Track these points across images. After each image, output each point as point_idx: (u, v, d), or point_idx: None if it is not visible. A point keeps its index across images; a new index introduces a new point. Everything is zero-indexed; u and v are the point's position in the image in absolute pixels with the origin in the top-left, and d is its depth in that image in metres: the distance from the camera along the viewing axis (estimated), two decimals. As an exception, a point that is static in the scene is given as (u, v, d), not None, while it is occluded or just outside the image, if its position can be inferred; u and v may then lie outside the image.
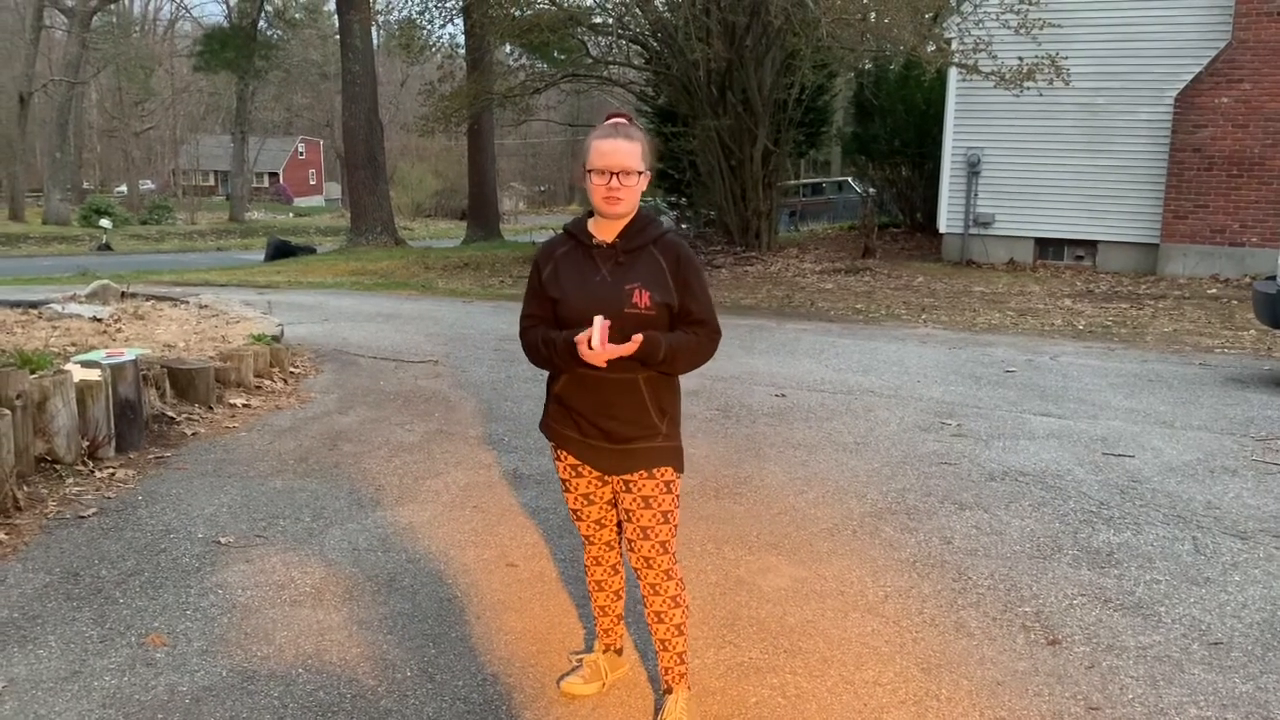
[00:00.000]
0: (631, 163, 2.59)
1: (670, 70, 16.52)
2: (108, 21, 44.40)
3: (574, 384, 2.69)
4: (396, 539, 4.15)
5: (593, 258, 2.69)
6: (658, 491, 2.71)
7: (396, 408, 6.39)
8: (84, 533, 4.12)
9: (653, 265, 2.67)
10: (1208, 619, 3.49)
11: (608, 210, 2.64)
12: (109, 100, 53.49)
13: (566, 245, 2.75)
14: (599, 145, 2.60)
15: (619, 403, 2.66)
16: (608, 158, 2.58)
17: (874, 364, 8.02)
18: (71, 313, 7.95)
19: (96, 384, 4.95)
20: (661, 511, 2.72)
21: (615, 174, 2.58)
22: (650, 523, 2.71)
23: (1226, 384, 7.37)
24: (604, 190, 2.60)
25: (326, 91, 53.70)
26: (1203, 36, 13.40)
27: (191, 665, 3.08)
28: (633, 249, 2.67)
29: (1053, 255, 15.06)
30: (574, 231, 2.74)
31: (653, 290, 2.63)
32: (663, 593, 2.74)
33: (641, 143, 2.63)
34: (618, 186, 2.59)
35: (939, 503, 4.69)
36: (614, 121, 2.67)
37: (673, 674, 2.81)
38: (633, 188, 2.62)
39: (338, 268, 17.97)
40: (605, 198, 2.61)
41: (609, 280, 2.65)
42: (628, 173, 2.59)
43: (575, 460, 2.78)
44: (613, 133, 2.61)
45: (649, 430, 2.69)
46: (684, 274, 2.68)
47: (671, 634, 2.77)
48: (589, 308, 2.58)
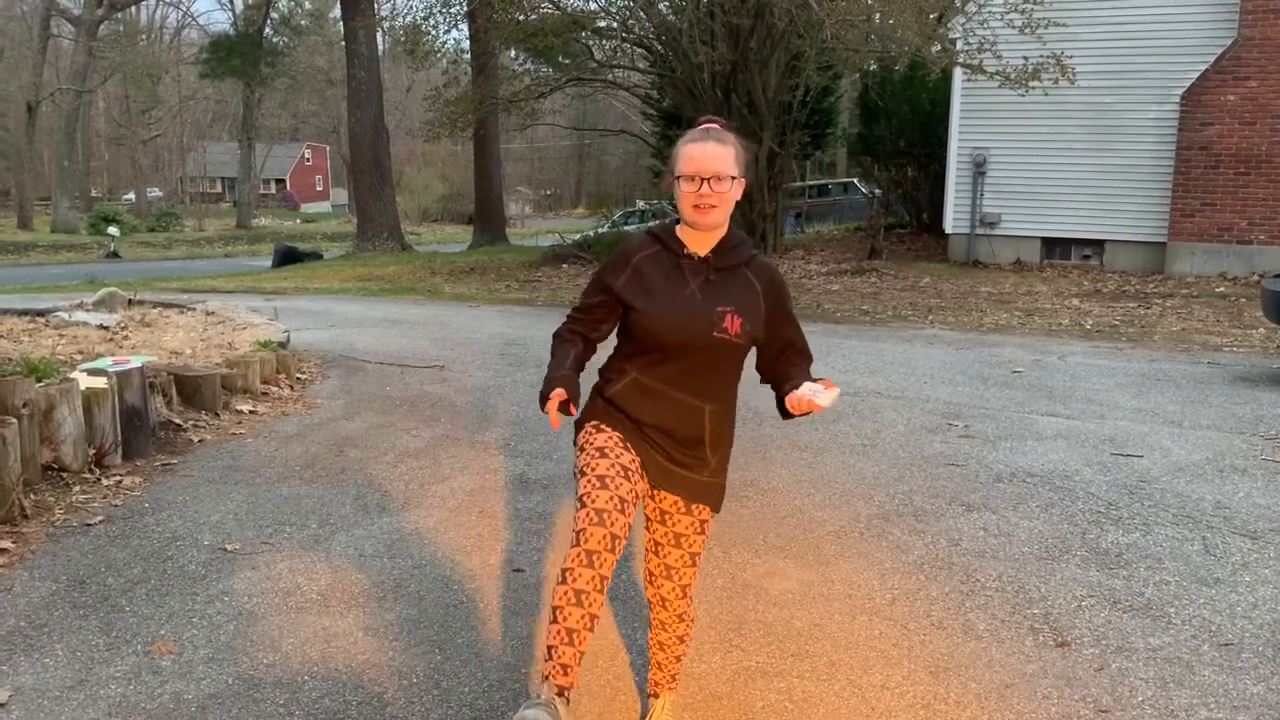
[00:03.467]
0: (723, 167, 2.37)
1: (674, 73, 16.52)
2: (115, 30, 44.56)
3: (636, 391, 2.48)
4: (402, 545, 4.15)
5: (681, 270, 2.47)
6: (691, 531, 2.57)
7: (403, 413, 6.39)
8: (90, 540, 4.12)
9: (746, 289, 2.47)
10: (1218, 620, 3.46)
11: (699, 220, 2.42)
12: (116, 108, 53.73)
13: (651, 249, 2.51)
14: (688, 150, 2.40)
15: (678, 424, 2.48)
16: (697, 162, 2.37)
17: (881, 365, 8.01)
18: (78, 320, 7.97)
19: (103, 392, 4.96)
20: (690, 553, 2.58)
21: (706, 179, 2.37)
22: (677, 563, 2.58)
23: (1235, 383, 7.34)
24: (694, 197, 2.39)
25: (333, 98, 53.88)
26: (1209, 34, 13.37)
27: (198, 673, 3.08)
28: (726, 267, 2.47)
29: (1059, 255, 15.02)
30: (662, 236, 2.52)
31: (744, 317, 2.44)
32: (670, 630, 2.66)
33: (735, 147, 2.41)
34: (709, 193, 2.38)
35: (946, 504, 4.68)
36: (705, 126, 2.46)
37: (660, 685, 2.77)
38: (725, 194, 2.39)
39: (344, 273, 18.00)
40: (696, 205, 2.39)
41: (699, 298, 2.43)
42: (719, 178, 2.37)
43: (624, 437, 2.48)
44: (703, 136, 2.41)
45: (699, 460, 2.51)
46: (782, 300, 2.52)
47: (669, 660, 2.72)
48: (677, 324, 2.40)
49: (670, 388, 2.46)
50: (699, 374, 2.46)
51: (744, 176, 2.44)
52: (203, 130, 60.80)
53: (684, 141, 2.43)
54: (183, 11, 56.60)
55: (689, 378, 2.45)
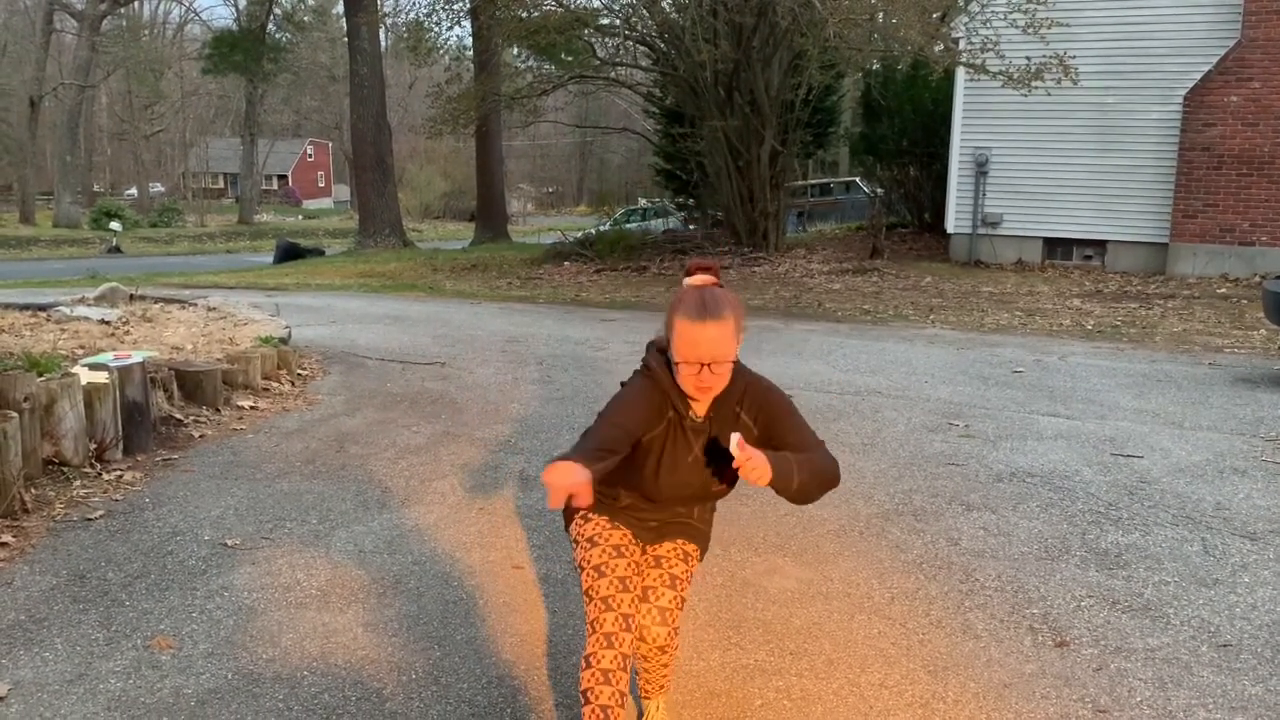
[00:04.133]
0: (724, 350, 2.25)
1: (677, 71, 16.52)
2: (117, 25, 44.57)
3: (628, 510, 2.53)
4: (403, 541, 4.15)
5: (684, 431, 2.41)
6: (673, 555, 2.54)
7: (403, 410, 6.40)
8: (91, 535, 4.12)
9: (741, 429, 2.37)
10: (1217, 621, 3.47)
11: (700, 397, 2.36)
12: (119, 103, 53.75)
13: (670, 414, 2.40)
14: (686, 333, 2.25)
15: (669, 529, 2.57)
16: (699, 348, 2.24)
17: (881, 365, 8.01)
18: (80, 315, 7.97)
19: (104, 386, 4.97)
20: (670, 574, 2.51)
21: (706, 365, 2.26)
22: (655, 583, 2.50)
23: (1236, 384, 7.34)
24: (695, 381, 2.29)
25: (335, 94, 53.89)
26: (1212, 35, 13.36)
27: (197, 668, 3.08)
28: (721, 419, 2.41)
29: (1061, 255, 15.02)
30: (670, 391, 2.38)
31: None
32: (652, 660, 2.62)
33: (733, 316, 2.27)
34: (709, 378, 2.28)
35: (946, 504, 4.68)
36: (700, 291, 2.30)
37: (652, 689, 2.74)
38: (724, 374, 2.29)
39: (346, 270, 18.01)
40: (697, 388, 2.31)
41: (702, 459, 2.41)
42: (720, 361, 2.26)
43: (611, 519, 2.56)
44: (700, 313, 2.24)
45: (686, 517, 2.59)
46: (773, 415, 2.40)
47: (655, 670, 2.69)
48: (678, 487, 2.42)
49: (660, 513, 2.55)
50: (691, 506, 2.56)
51: (742, 335, 2.34)
52: (205, 126, 60.80)
53: (680, 315, 2.27)
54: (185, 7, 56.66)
55: (679, 504, 2.54)
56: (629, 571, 2.42)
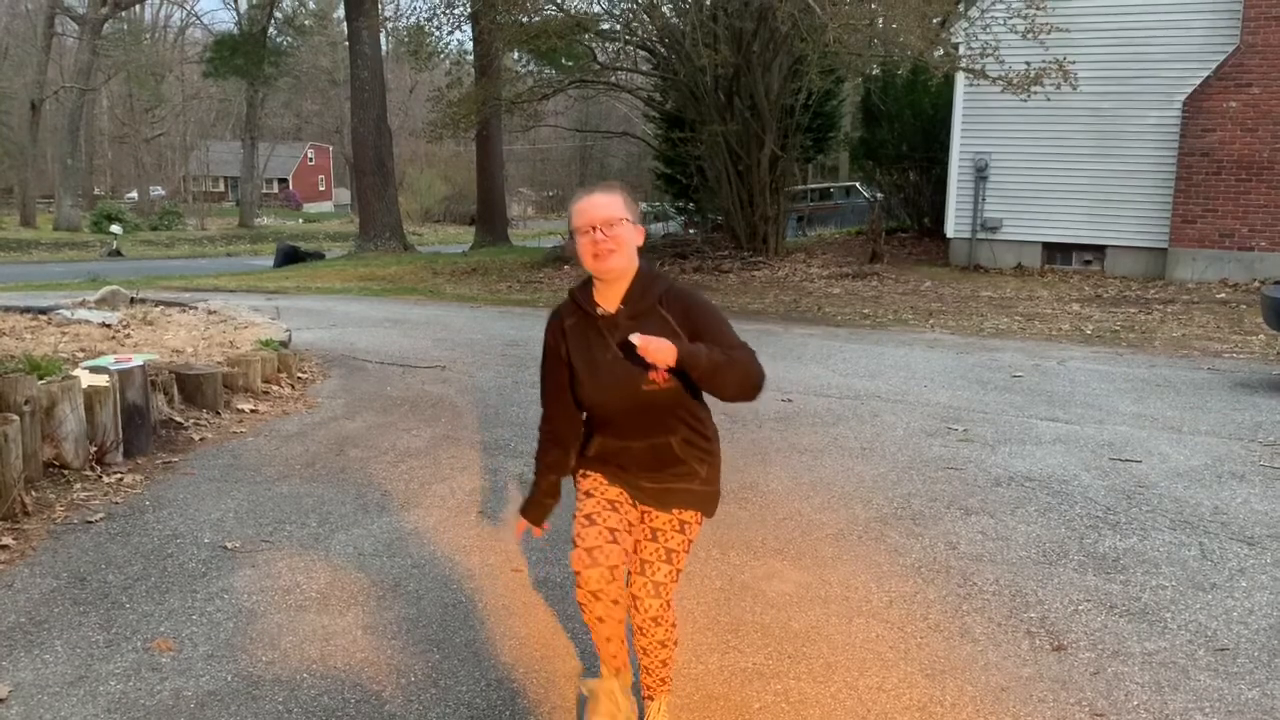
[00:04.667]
0: (612, 211, 2.45)
1: (678, 76, 16.55)
2: (119, 29, 44.60)
3: (604, 449, 2.60)
4: (402, 544, 4.16)
5: (600, 331, 2.52)
6: (669, 528, 2.59)
7: (403, 413, 6.41)
8: (91, 538, 4.13)
9: (663, 328, 2.46)
10: (1214, 625, 3.47)
11: (601, 268, 2.48)
12: (120, 107, 53.78)
13: (573, 316, 2.59)
14: (577, 207, 2.49)
15: (652, 460, 2.56)
16: (586, 213, 2.45)
17: (881, 369, 8.02)
18: (81, 318, 7.99)
19: (104, 390, 4.98)
20: (665, 548, 2.57)
21: (597, 226, 2.44)
22: (651, 557, 2.57)
23: (1235, 389, 7.35)
24: (591, 246, 2.45)
25: (336, 98, 53.93)
26: (1211, 40, 13.38)
27: (197, 670, 3.09)
28: (638, 314, 2.50)
29: (1060, 260, 15.04)
30: (578, 299, 2.59)
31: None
32: (649, 634, 2.61)
33: (622, 194, 2.49)
34: (604, 238, 2.43)
35: (945, 508, 4.69)
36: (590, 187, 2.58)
37: (653, 688, 2.76)
38: (620, 238, 2.45)
39: (346, 273, 18.02)
40: (595, 254, 2.45)
41: (621, 357, 2.47)
42: (610, 223, 2.44)
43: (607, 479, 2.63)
44: (588, 191, 2.51)
45: (686, 475, 2.58)
46: (697, 320, 2.50)
47: (655, 663, 2.69)
48: (607, 390, 2.49)
49: (631, 440, 2.56)
50: (649, 421, 2.53)
51: (637, 223, 2.51)
52: (206, 129, 60.83)
53: (573, 203, 2.52)
54: (187, 10, 56.58)
55: (642, 428, 2.54)
56: (619, 525, 2.54)
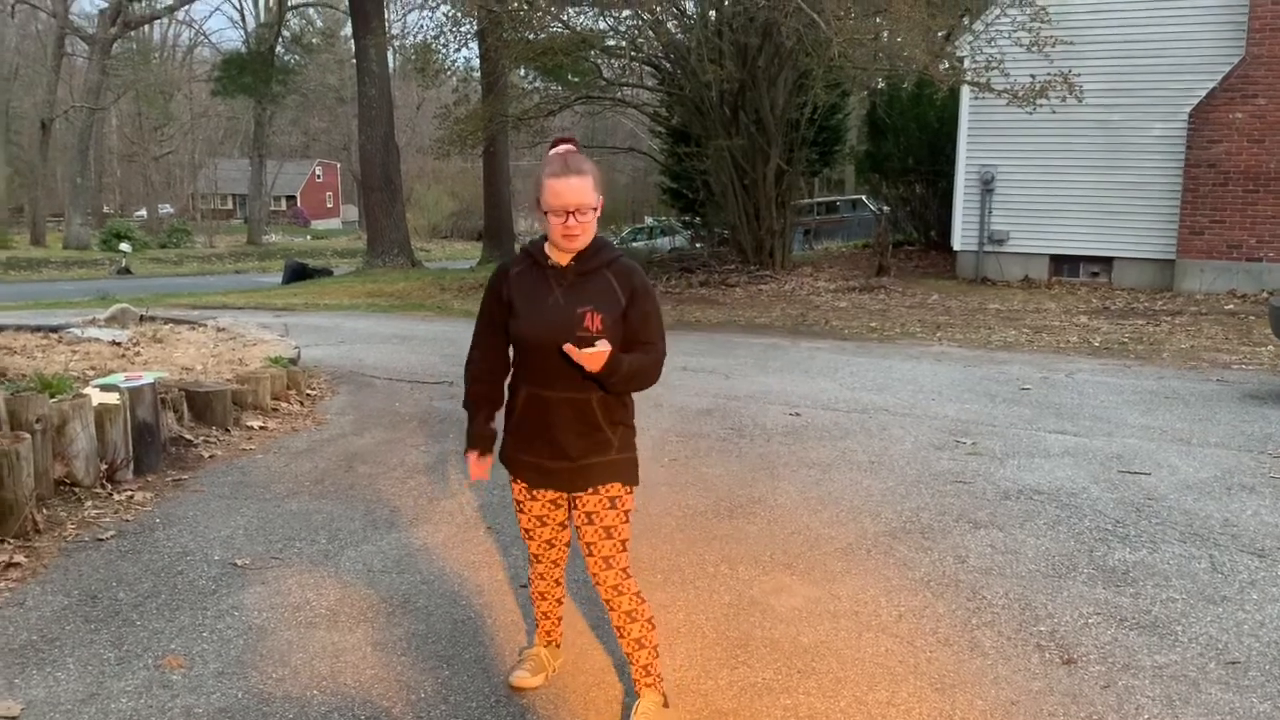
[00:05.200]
0: (586, 199, 2.65)
1: (683, 91, 16.60)
2: (128, 48, 44.93)
3: (529, 405, 2.78)
4: (411, 560, 4.17)
5: (547, 279, 2.75)
6: (601, 508, 2.78)
7: (411, 429, 6.42)
8: (102, 555, 4.15)
9: (606, 288, 2.73)
10: (1225, 638, 3.46)
11: (567, 246, 2.71)
12: (129, 125, 54.12)
13: (521, 265, 2.81)
14: (552, 185, 2.64)
15: (571, 420, 2.74)
16: (562, 197, 2.63)
17: (888, 382, 8.02)
18: (91, 336, 8.03)
19: (115, 407, 5.00)
20: (604, 527, 2.78)
21: (571, 212, 2.64)
22: (594, 538, 2.79)
23: (1244, 400, 7.33)
24: (562, 229, 2.66)
25: (343, 115, 54.17)
26: (1217, 52, 13.39)
27: (208, 687, 3.10)
28: (587, 270, 2.73)
29: (1068, 272, 15.03)
30: (531, 252, 2.81)
31: (605, 313, 2.69)
32: (616, 608, 2.82)
33: (592, 174, 2.67)
34: (575, 225, 2.65)
35: (953, 521, 4.68)
36: (562, 153, 2.70)
37: (639, 683, 2.89)
38: (588, 223, 2.68)
39: (354, 290, 18.07)
40: (564, 235, 2.67)
41: (561, 303, 2.71)
42: (583, 210, 2.65)
43: (527, 484, 2.87)
44: (564, 169, 2.65)
45: (602, 445, 2.77)
46: (639, 300, 2.74)
47: (633, 647, 2.85)
48: (542, 330, 2.68)
49: (556, 390, 2.72)
50: (578, 373, 2.66)
51: (601, 197, 2.70)
52: (214, 147, 61.15)
53: (546, 175, 2.66)
54: (195, 30, 57.07)
55: (565, 375, 2.68)
56: (552, 534, 2.96)
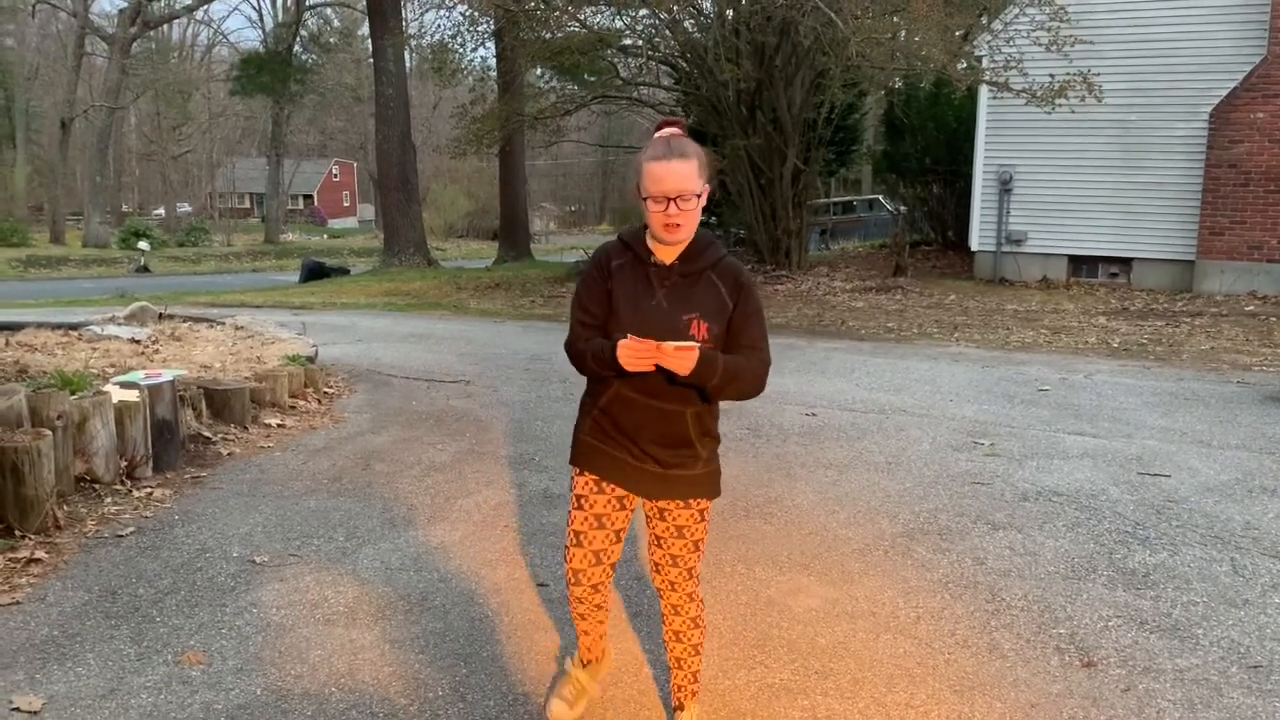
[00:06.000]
0: (690, 185, 2.41)
1: (699, 90, 16.59)
2: (147, 48, 45.23)
3: (620, 404, 2.55)
4: (428, 558, 4.18)
5: (649, 277, 2.52)
6: (691, 521, 2.64)
7: (429, 427, 6.44)
8: (122, 552, 4.17)
9: (712, 292, 2.51)
10: (1246, 641, 3.44)
11: (668, 238, 2.48)
12: (147, 125, 54.50)
13: (623, 258, 2.57)
14: (652, 169, 2.41)
15: (663, 428, 2.54)
16: (663, 183, 2.40)
17: (906, 383, 7.99)
18: (110, 334, 8.08)
19: (135, 405, 5.03)
20: (693, 540, 2.66)
21: (673, 199, 2.41)
22: (681, 551, 2.66)
23: (1265, 403, 7.27)
24: (662, 218, 2.43)
25: (360, 114, 54.39)
26: (1238, 51, 13.29)
27: (226, 683, 3.12)
28: (691, 272, 2.52)
29: (1086, 273, 14.94)
30: (631, 244, 2.57)
31: (711, 322, 2.48)
32: (683, 613, 2.71)
33: (698, 158, 2.44)
34: (677, 213, 2.42)
35: (972, 523, 4.66)
36: (666, 135, 2.48)
37: (685, 691, 2.79)
38: (692, 211, 2.44)
39: (371, 289, 18.13)
40: (665, 225, 2.44)
41: (665, 307, 2.49)
42: (685, 197, 2.41)
43: (599, 476, 2.63)
44: (666, 152, 2.42)
45: (691, 458, 2.58)
46: (744, 301, 2.53)
47: (688, 653, 2.75)
48: (641, 334, 2.39)
49: (649, 398, 2.51)
50: (677, 392, 2.49)
51: (709, 184, 2.49)
52: (232, 146, 61.54)
53: (647, 157, 2.44)
54: (214, 30, 57.40)
55: (663, 386, 2.49)
56: (605, 544, 2.66)
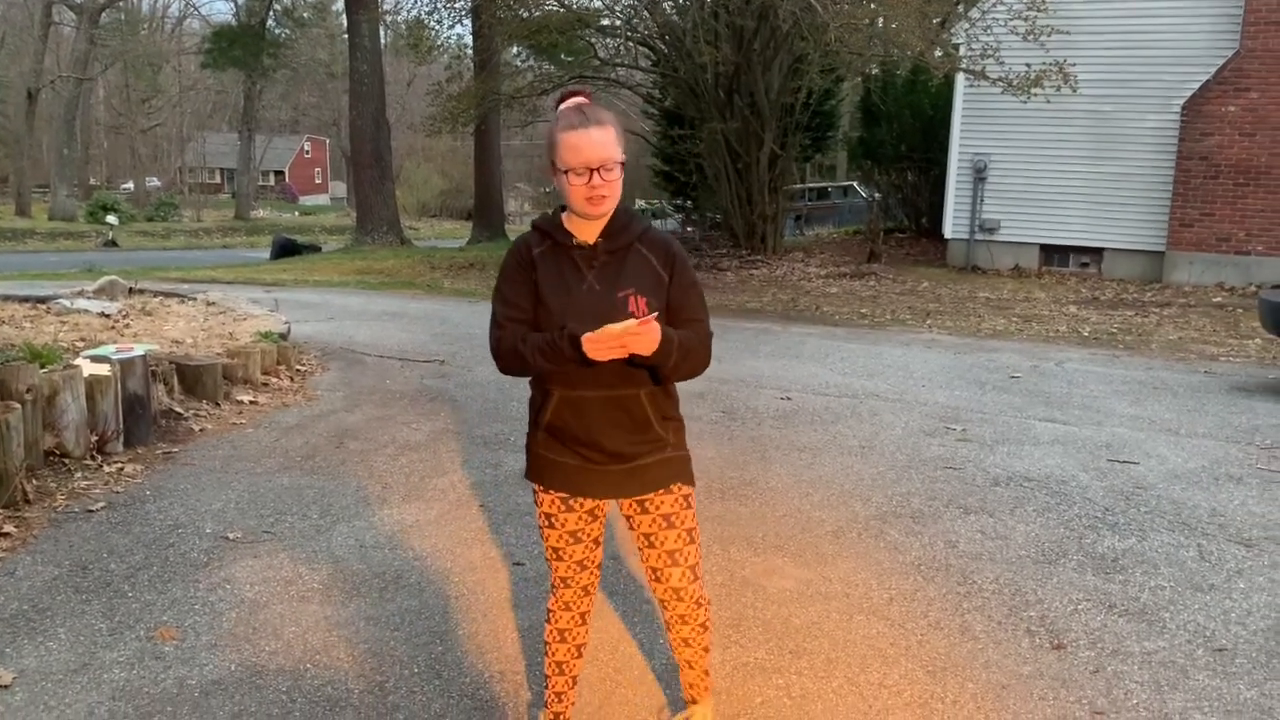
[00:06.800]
0: (611, 153, 2.23)
1: (678, 73, 16.55)
2: (116, 18, 44.49)
3: (567, 409, 2.34)
4: (403, 536, 4.17)
5: (574, 261, 2.32)
6: (679, 508, 2.44)
7: (403, 406, 6.41)
8: (92, 526, 4.14)
9: (644, 266, 2.33)
10: (1212, 625, 3.49)
11: (593, 211, 2.27)
12: (116, 97, 53.64)
13: (542, 245, 2.36)
14: (569, 139, 2.22)
15: (619, 421, 2.34)
16: (583, 153, 2.21)
17: (879, 368, 8.04)
18: (80, 308, 7.98)
19: (106, 379, 4.98)
20: (686, 530, 2.45)
21: (595, 170, 2.22)
22: (677, 544, 2.44)
23: (1232, 392, 7.37)
24: (585, 190, 2.23)
25: (333, 90, 53.84)
26: (1211, 44, 13.41)
27: (200, 659, 3.10)
28: (618, 249, 2.32)
29: (1058, 262, 15.07)
30: (548, 230, 2.36)
31: (648, 295, 2.30)
32: (691, 621, 2.53)
33: (614, 124, 2.26)
34: (600, 184, 2.23)
35: (944, 507, 4.70)
36: (576, 104, 2.29)
37: (698, 688, 2.69)
38: (615, 181, 2.26)
39: (343, 267, 17.99)
40: (589, 199, 2.24)
41: (597, 288, 2.29)
42: (608, 166, 2.23)
43: (565, 493, 2.42)
44: (582, 120, 2.23)
45: (656, 442, 2.39)
46: (680, 273, 2.35)
47: (698, 655, 2.62)
48: (579, 322, 2.20)
49: (596, 389, 2.31)
50: (619, 364, 2.25)
51: (623, 153, 2.29)
52: (202, 121, 60.68)
53: (559, 128, 2.25)
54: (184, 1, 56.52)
55: (608, 373, 2.28)
56: (586, 553, 2.51)
